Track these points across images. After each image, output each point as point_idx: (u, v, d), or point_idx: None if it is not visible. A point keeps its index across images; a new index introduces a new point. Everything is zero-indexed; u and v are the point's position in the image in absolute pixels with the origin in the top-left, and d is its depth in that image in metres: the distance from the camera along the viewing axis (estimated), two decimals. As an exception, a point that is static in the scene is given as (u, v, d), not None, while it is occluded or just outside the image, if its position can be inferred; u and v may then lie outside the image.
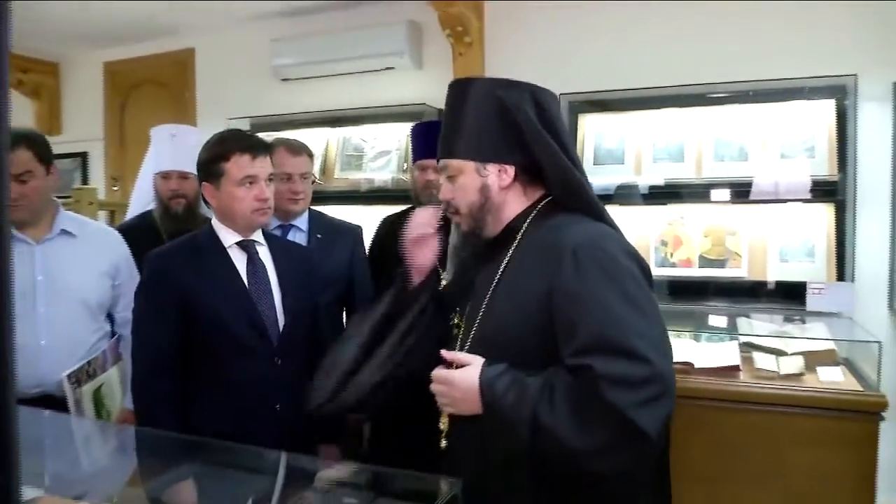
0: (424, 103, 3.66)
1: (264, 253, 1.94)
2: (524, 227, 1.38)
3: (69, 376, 2.05)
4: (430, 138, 2.71)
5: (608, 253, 1.24)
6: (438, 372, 1.34)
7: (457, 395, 1.29)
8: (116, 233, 2.35)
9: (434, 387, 1.34)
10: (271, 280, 1.91)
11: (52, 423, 1.86)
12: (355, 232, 2.63)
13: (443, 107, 3.87)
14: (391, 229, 2.76)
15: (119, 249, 2.29)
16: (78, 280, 2.15)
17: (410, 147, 2.75)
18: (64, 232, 2.16)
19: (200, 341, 1.83)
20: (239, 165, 1.82)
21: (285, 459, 1.62)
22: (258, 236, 1.95)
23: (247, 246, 1.91)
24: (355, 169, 3.75)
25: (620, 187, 3.18)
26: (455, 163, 1.39)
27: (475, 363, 1.29)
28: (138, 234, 2.60)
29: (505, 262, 1.38)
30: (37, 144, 2.07)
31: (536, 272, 1.29)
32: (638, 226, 3.20)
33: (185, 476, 1.66)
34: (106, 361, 2.25)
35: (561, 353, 1.21)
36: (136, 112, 4.73)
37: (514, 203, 1.40)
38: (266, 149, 1.91)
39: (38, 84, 4.95)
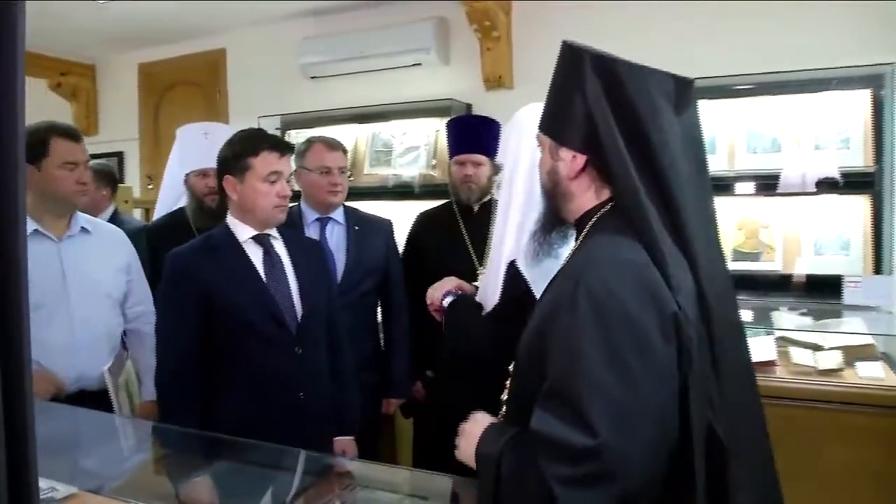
0: (452, 98, 3.67)
1: (279, 247, 1.98)
2: (585, 230, 1.21)
3: (109, 369, 2.11)
4: (468, 132, 2.73)
5: (614, 295, 1.02)
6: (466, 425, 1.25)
7: (462, 444, 1.22)
8: (122, 232, 2.38)
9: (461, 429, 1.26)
10: (287, 272, 1.95)
11: (85, 419, 1.91)
12: (388, 225, 2.66)
13: (471, 102, 3.86)
14: (427, 224, 2.79)
15: (128, 246, 2.33)
16: (101, 275, 2.19)
17: (447, 142, 2.74)
18: (82, 229, 2.20)
19: (222, 336, 1.87)
20: (266, 161, 1.87)
21: (304, 457, 1.64)
22: (273, 231, 1.98)
23: (262, 240, 1.95)
24: (384, 165, 3.77)
25: (714, 179, 3.10)
26: (541, 136, 1.25)
27: (482, 423, 1.21)
28: (171, 231, 2.66)
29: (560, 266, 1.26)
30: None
31: (555, 291, 1.17)
32: (737, 216, 3.11)
33: (204, 473, 1.71)
34: (124, 354, 2.32)
35: None
36: (170, 112, 4.81)
37: (582, 198, 1.22)
38: (291, 149, 1.97)
39: (75, 86, 5.07)
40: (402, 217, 3.05)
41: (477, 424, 1.20)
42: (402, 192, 3.67)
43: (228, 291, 1.85)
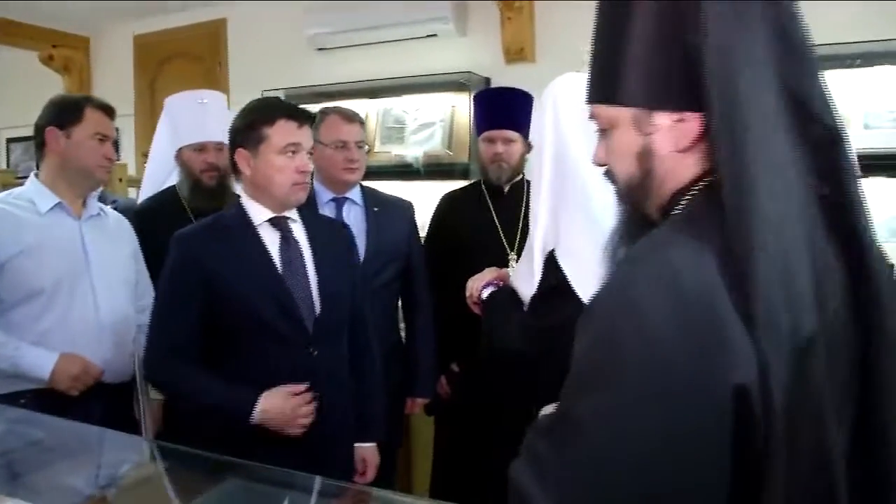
0: (470, 72, 3.44)
1: (299, 231, 1.77)
2: (675, 212, 0.86)
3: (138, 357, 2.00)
4: (497, 106, 2.52)
5: (631, 320, 0.74)
6: None
7: None
8: (125, 219, 2.24)
9: None
10: (306, 261, 1.74)
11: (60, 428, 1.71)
12: (410, 207, 2.46)
13: (489, 76, 3.62)
14: (453, 206, 2.58)
15: (133, 234, 2.21)
16: (119, 259, 2.08)
17: (473, 117, 2.54)
18: (100, 211, 2.09)
19: (227, 330, 1.67)
20: (283, 131, 1.66)
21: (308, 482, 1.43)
22: (292, 213, 1.77)
23: (279, 223, 1.73)
24: (396, 142, 3.56)
25: None
26: (604, 110, 0.89)
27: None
28: (163, 212, 2.42)
29: None
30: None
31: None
32: None
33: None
34: None
35: None
36: (167, 86, 4.56)
37: (683, 173, 0.85)
38: (311, 119, 1.75)
39: (67, 59, 4.83)
40: (416, 198, 2.83)
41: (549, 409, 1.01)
42: (416, 170, 3.46)
43: (237, 281, 1.64)
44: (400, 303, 2.42)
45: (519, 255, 2.42)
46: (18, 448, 1.59)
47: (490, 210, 2.48)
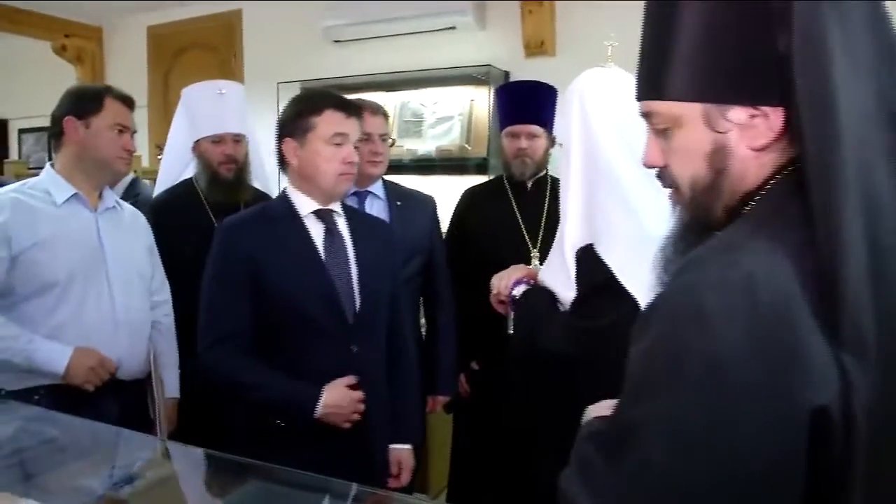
0: (490, 65, 3.37)
1: (343, 225, 1.76)
2: (745, 211, 0.79)
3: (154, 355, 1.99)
4: (520, 100, 2.45)
5: (695, 328, 0.67)
6: None
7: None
8: (140, 213, 2.18)
9: None
10: (349, 255, 1.72)
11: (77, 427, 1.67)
12: (432, 202, 2.40)
13: (509, 69, 3.56)
14: (475, 202, 2.53)
15: (148, 228, 2.15)
16: (134, 253, 2.02)
17: (496, 111, 2.48)
18: (115, 204, 2.04)
19: (269, 321, 1.65)
20: (331, 121, 1.67)
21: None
22: (336, 206, 1.76)
23: (325, 216, 1.72)
24: (414, 136, 3.50)
25: None
26: (665, 107, 0.80)
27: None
28: (179, 205, 2.39)
29: None
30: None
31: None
32: None
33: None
34: None
35: None
36: (182, 78, 4.51)
37: (757, 173, 0.78)
38: (359, 112, 1.75)
39: (80, 49, 4.80)
40: (435, 193, 2.77)
41: (593, 410, 0.97)
42: (434, 165, 3.41)
43: (281, 271, 1.63)
44: (421, 299, 2.38)
45: (542, 252, 2.37)
46: (32, 447, 1.54)
47: (513, 206, 2.43)
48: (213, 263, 1.70)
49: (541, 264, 2.31)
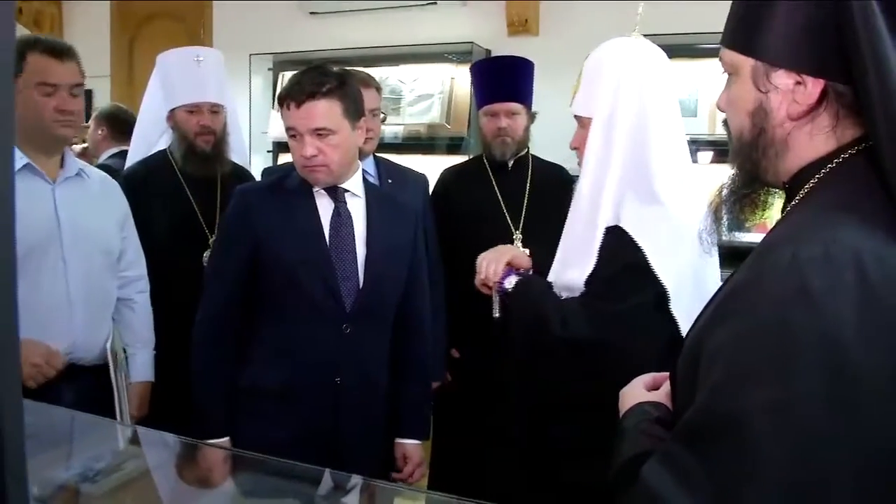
0: (472, 42, 3.30)
1: (357, 205, 1.69)
2: (802, 194, 0.79)
3: (111, 346, 1.84)
4: (498, 77, 2.38)
5: (815, 307, 0.64)
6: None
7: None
8: (115, 182, 2.04)
9: None
10: (358, 236, 1.66)
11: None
12: (424, 179, 2.35)
13: (491, 48, 3.48)
14: (455, 182, 2.47)
15: (122, 199, 2.00)
16: (99, 227, 1.87)
17: (473, 89, 2.42)
18: (78, 173, 1.87)
19: (263, 291, 1.63)
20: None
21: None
22: (354, 185, 1.70)
23: (335, 194, 1.67)
24: (392, 113, 3.41)
25: (692, 142, 2.88)
26: (728, 55, 0.84)
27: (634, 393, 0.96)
28: (154, 176, 2.28)
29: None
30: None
31: (735, 280, 0.79)
32: (711, 186, 2.90)
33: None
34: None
35: None
36: (147, 47, 4.34)
37: (807, 145, 0.79)
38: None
39: (38, 12, 4.56)
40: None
41: (630, 394, 0.93)
42: (413, 144, 3.34)
43: (283, 243, 1.60)
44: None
45: (525, 234, 2.32)
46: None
47: (494, 187, 2.38)
48: (222, 228, 1.72)
49: (524, 246, 2.27)
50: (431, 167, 2.73)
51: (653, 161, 1.37)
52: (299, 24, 3.78)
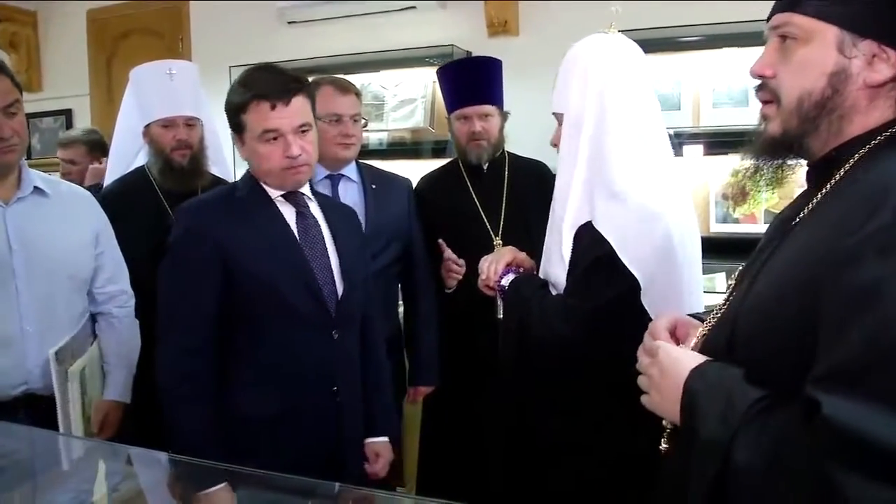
0: (452, 45, 3.28)
1: (315, 209, 1.65)
2: (857, 156, 0.85)
3: (56, 353, 1.70)
4: (468, 80, 2.33)
5: None
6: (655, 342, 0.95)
7: (654, 373, 0.91)
8: (89, 194, 1.98)
9: (640, 352, 0.98)
10: (326, 241, 1.62)
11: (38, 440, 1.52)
12: (408, 184, 2.31)
13: (471, 49, 3.46)
14: (432, 188, 2.43)
15: (97, 213, 1.93)
16: (60, 249, 1.78)
17: (442, 94, 2.38)
18: (37, 190, 1.77)
19: (244, 312, 1.53)
20: (260, 117, 1.52)
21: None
22: (306, 189, 1.65)
23: (295, 199, 1.61)
24: (375, 120, 3.39)
25: (676, 135, 2.87)
26: (805, 21, 0.87)
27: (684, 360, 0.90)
28: (132, 195, 2.23)
29: (809, 208, 0.88)
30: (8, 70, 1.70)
31: (816, 239, 0.81)
32: (696, 178, 2.94)
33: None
34: (88, 337, 1.91)
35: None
36: (125, 64, 4.25)
37: (869, 113, 0.86)
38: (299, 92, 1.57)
39: (14, 34, 4.50)
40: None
41: (677, 362, 0.88)
42: (397, 149, 3.34)
43: (254, 255, 1.50)
44: (399, 287, 2.29)
45: (504, 240, 2.28)
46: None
47: (471, 193, 2.34)
48: (172, 254, 1.55)
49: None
50: (418, 172, 2.70)
51: (612, 157, 1.37)
52: (278, 34, 3.76)
